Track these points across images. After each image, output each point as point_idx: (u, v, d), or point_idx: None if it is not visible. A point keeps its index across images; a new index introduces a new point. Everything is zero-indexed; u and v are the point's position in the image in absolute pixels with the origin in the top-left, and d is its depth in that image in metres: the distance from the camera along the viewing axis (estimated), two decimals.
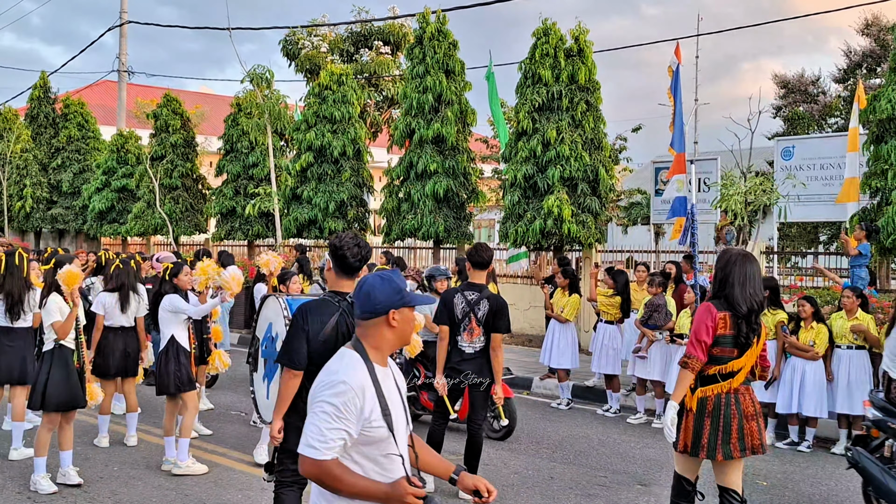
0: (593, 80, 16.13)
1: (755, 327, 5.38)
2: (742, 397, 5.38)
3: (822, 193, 14.65)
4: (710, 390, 5.36)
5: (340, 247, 4.95)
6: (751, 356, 5.40)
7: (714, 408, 5.33)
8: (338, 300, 4.92)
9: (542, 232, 15.37)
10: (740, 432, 5.33)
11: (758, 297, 5.39)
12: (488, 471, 8.06)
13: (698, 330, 5.35)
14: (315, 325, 4.81)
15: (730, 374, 5.36)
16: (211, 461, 8.20)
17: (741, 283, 5.37)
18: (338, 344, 4.87)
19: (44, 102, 29.58)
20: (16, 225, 28.97)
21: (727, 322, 5.32)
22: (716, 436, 5.32)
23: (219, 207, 22.00)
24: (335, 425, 3.10)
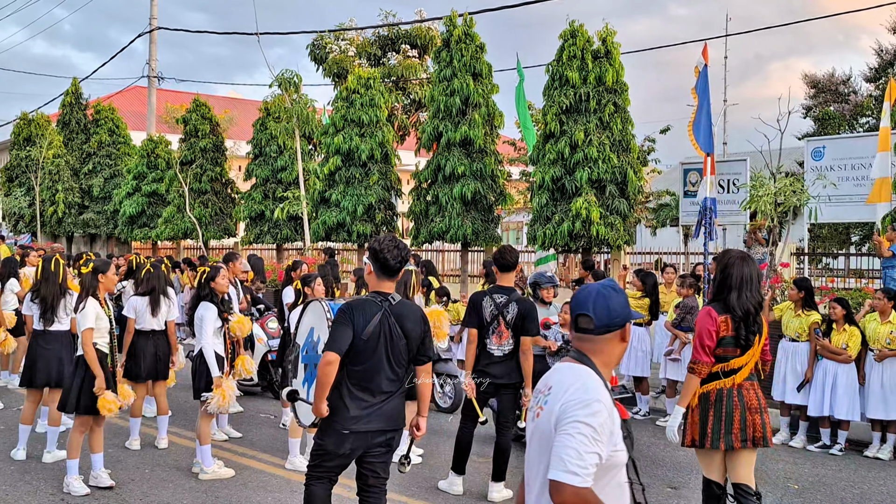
0: (621, 82, 16.06)
1: (754, 328, 5.51)
2: (746, 392, 5.54)
3: (853, 194, 14.48)
4: (712, 386, 5.54)
5: (381, 249, 5.05)
6: (752, 354, 5.55)
7: (716, 399, 5.51)
8: (380, 300, 5.04)
9: (570, 234, 15.32)
10: (742, 423, 5.47)
11: (754, 299, 5.51)
12: (517, 474, 8.04)
13: (701, 335, 5.50)
14: (360, 321, 4.94)
15: (732, 371, 5.52)
16: (240, 464, 8.26)
17: (738, 286, 5.49)
18: (379, 343, 4.95)
19: (75, 108, 29.97)
20: (48, 229, 29.35)
21: (728, 324, 5.48)
22: (719, 426, 5.48)
23: (248, 211, 22.17)
24: (592, 449, 2.80)
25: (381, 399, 5.05)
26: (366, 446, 5.08)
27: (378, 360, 5.00)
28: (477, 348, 7.18)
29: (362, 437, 5.03)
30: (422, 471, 8.16)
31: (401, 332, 5.03)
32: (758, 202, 11.96)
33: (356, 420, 4.99)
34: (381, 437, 5.09)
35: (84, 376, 7.22)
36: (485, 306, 7.18)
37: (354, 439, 5.02)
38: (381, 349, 4.99)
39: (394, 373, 5.07)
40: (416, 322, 5.12)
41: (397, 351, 5.04)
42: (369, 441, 5.06)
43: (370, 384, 5.02)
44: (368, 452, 5.14)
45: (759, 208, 12.06)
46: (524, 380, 7.15)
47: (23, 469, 8.00)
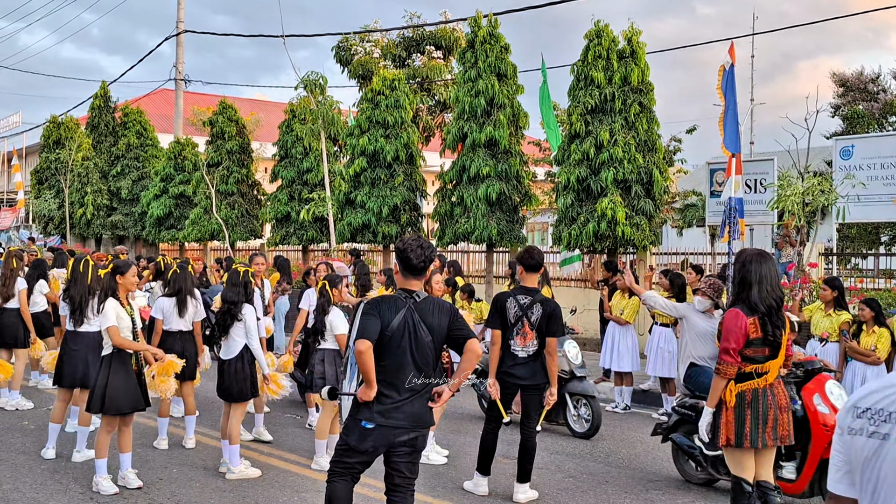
0: (646, 82, 15.99)
1: (779, 323, 5.57)
2: (776, 390, 5.64)
3: (883, 193, 14.36)
4: (746, 385, 5.58)
5: (404, 249, 5.20)
6: (782, 353, 5.63)
7: (753, 399, 5.56)
8: (405, 297, 5.17)
9: (595, 234, 15.28)
10: (774, 422, 5.58)
11: (775, 294, 5.56)
12: (542, 475, 8.04)
13: (727, 337, 5.52)
14: (386, 315, 5.05)
15: (765, 373, 5.60)
16: (267, 464, 8.30)
17: (758, 282, 5.54)
18: (403, 338, 5.04)
19: (104, 111, 30.25)
20: (77, 231, 29.64)
21: (757, 325, 5.51)
22: (756, 424, 5.54)
23: (274, 213, 22.27)
24: None
25: (405, 397, 5.08)
26: (388, 444, 5.10)
27: (403, 355, 5.06)
28: (501, 349, 7.17)
29: (385, 433, 5.05)
30: (447, 471, 8.17)
31: (425, 329, 5.10)
32: (785, 202, 11.89)
33: (380, 415, 5.03)
34: (404, 435, 5.10)
35: (109, 376, 7.27)
36: (509, 307, 7.17)
37: (377, 436, 5.05)
38: (406, 344, 5.06)
39: (419, 370, 5.11)
40: (439, 315, 5.18)
41: (422, 347, 5.10)
42: (392, 439, 5.08)
43: (395, 380, 5.07)
44: (393, 452, 5.16)
45: (786, 208, 11.98)
46: (549, 380, 7.14)
47: (53, 468, 8.09)
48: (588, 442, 9.51)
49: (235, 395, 7.93)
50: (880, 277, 17.03)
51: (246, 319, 7.96)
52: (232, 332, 7.99)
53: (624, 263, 13.20)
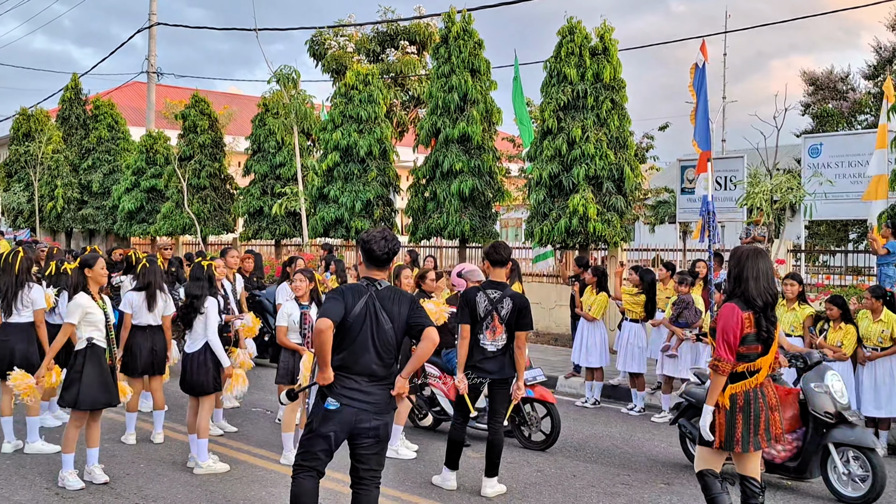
0: (618, 79, 16.08)
1: (773, 320, 5.55)
2: (766, 390, 5.58)
3: (850, 191, 14.52)
4: (739, 387, 5.50)
5: (368, 240, 5.35)
6: (773, 349, 5.56)
7: (745, 403, 5.48)
8: (367, 284, 5.30)
9: (567, 230, 15.35)
10: (766, 423, 5.53)
11: (771, 290, 5.54)
12: (511, 469, 8.08)
13: (725, 331, 5.45)
14: (350, 301, 5.18)
15: (757, 370, 5.52)
16: (235, 458, 8.29)
17: (755, 277, 5.50)
18: (365, 324, 5.14)
19: (75, 104, 29.96)
20: (47, 225, 29.36)
21: (752, 320, 5.46)
22: (748, 429, 5.47)
23: (246, 207, 22.18)
24: None
25: (367, 383, 5.18)
26: (351, 429, 5.16)
27: (364, 341, 5.17)
28: (470, 344, 7.19)
29: (348, 415, 5.12)
30: (415, 466, 8.19)
31: (386, 316, 5.22)
32: (754, 199, 12.00)
33: (343, 396, 5.12)
34: (367, 422, 5.15)
35: (83, 371, 7.23)
36: (479, 302, 7.20)
37: (340, 418, 5.12)
38: (367, 331, 5.18)
39: (380, 358, 5.21)
40: (399, 303, 5.31)
41: (383, 334, 5.21)
42: (355, 423, 5.14)
43: (356, 366, 5.17)
44: (358, 443, 5.21)
45: (754, 205, 12.10)
46: (517, 374, 7.19)
47: (18, 463, 8.02)
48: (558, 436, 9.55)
49: (197, 388, 7.91)
50: (848, 274, 17.22)
51: (208, 313, 7.94)
52: (196, 326, 7.98)
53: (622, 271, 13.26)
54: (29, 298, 8.42)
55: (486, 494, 7.25)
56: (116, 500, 7.01)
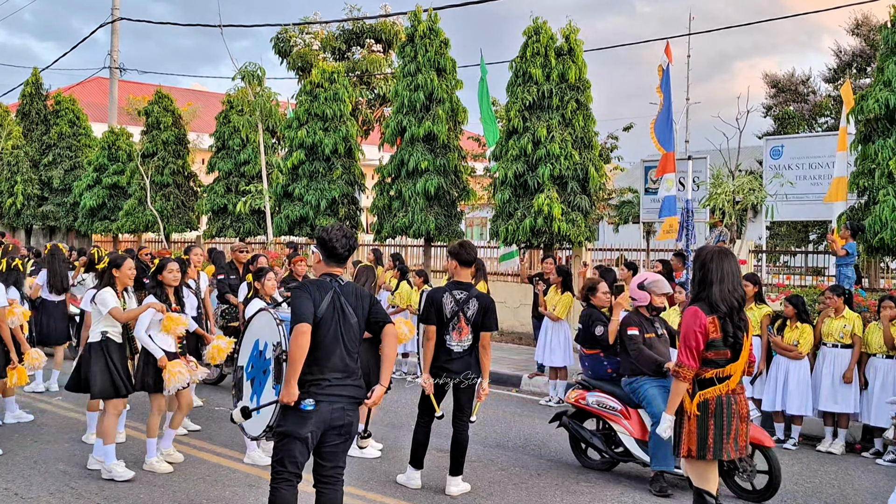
0: (583, 79, 16.18)
1: (740, 324, 5.31)
2: (738, 398, 5.37)
3: (811, 193, 14.75)
4: (708, 393, 5.30)
5: (329, 238, 5.32)
6: (744, 355, 5.34)
7: (717, 408, 5.28)
8: (330, 280, 5.29)
9: (532, 230, 15.42)
10: (736, 433, 5.32)
11: (737, 293, 5.31)
12: (475, 467, 8.10)
13: (687, 336, 5.25)
14: (317, 297, 5.14)
15: (727, 377, 5.31)
16: (198, 458, 8.24)
17: (719, 280, 5.28)
18: (333, 319, 5.12)
19: (35, 99, 29.54)
20: (6, 221, 28.94)
21: (716, 325, 5.24)
22: (720, 435, 5.27)
23: (210, 205, 22.03)
24: None
25: (339, 378, 5.17)
26: (325, 427, 5.12)
27: (334, 337, 5.16)
28: (435, 345, 7.20)
29: (323, 414, 5.09)
30: (380, 465, 8.19)
31: (351, 311, 5.25)
32: (716, 199, 12.13)
33: (316, 398, 5.07)
34: (340, 419, 5.14)
35: (105, 361, 7.45)
36: (445, 303, 7.18)
37: (316, 418, 5.07)
38: (336, 326, 5.17)
39: (349, 352, 5.23)
40: (360, 298, 5.36)
41: (349, 328, 5.23)
42: (329, 421, 5.11)
43: (328, 362, 5.14)
44: (327, 441, 5.18)
45: (717, 206, 12.23)
46: (482, 374, 7.21)
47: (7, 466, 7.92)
48: (521, 436, 9.60)
49: (137, 386, 7.86)
50: (808, 274, 17.46)
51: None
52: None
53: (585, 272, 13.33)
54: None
55: (451, 493, 7.27)
56: (77, 500, 6.93)
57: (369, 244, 20.80)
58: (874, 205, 12.59)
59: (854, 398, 9.21)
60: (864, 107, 12.74)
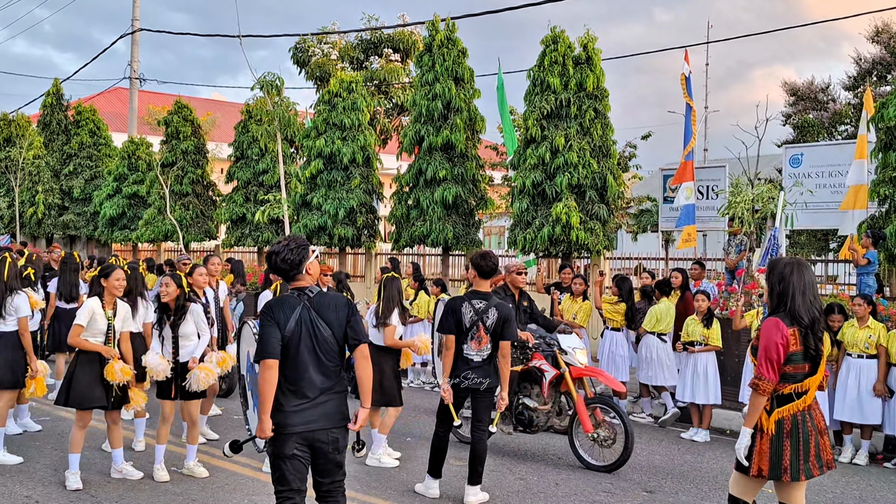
0: (601, 88, 16.15)
1: (821, 336, 5.16)
2: (815, 413, 5.20)
3: (831, 201, 14.63)
4: (786, 410, 5.11)
5: (276, 252, 5.19)
6: (822, 369, 5.19)
7: (792, 427, 5.09)
8: (298, 294, 5.15)
9: (550, 239, 15.39)
10: (817, 449, 5.12)
11: (818, 304, 5.18)
12: (493, 477, 8.09)
13: (768, 348, 5.06)
14: (281, 318, 5.01)
15: (805, 391, 5.14)
16: (219, 466, 8.26)
17: (801, 292, 5.13)
18: (304, 335, 4.99)
19: (56, 109, 29.80)
20: (28, 231, 29.17)
21: (797, 338, 5.08)
22: (797, 456, 5.07)
23: (229, 214, 22.12)
24: None
25: (317, 395, 5.04)
26: (311, 443, 5.03)
27: (305, 354, 5.03)
28: (454, 354, 7.19)
29: (305, 436, 5.00)
30: (398, 474, 8.19)
31: (324, 324, 5.08)
32: (735, 208, 12.07)
33: (294, 418, 4.97)
34: (323, 435, 5.03)
35: (75, 370, 7.44)
36: (464, 312, 7.18)
37: (298, 439, 4.99)
38: (307, 342, 5.03)
39: (324, 368, 5.07)
40: (336, 308, 5.17)
41: (324, 343, 5.07)
42: (313, 440, 5.02)
43: (301, 381, 5.01)
44: (318, 458, 5.10)
45: (735, 214, 12.17)
46: (501, 384, 7.19)
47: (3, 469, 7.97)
48: (539, 445, 9.58)
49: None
50: (828, 284, 17.34)
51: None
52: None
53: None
54: (13, 306, 8.35)
55: (469, 502, 7.25)
56: None
57: (387, 253, 20.83)
58: (895, 213, 12.51)
59: (878, 409, 9.14)
60: (885, 115, 12.66)
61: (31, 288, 9.48)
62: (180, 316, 7.91)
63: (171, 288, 7.89)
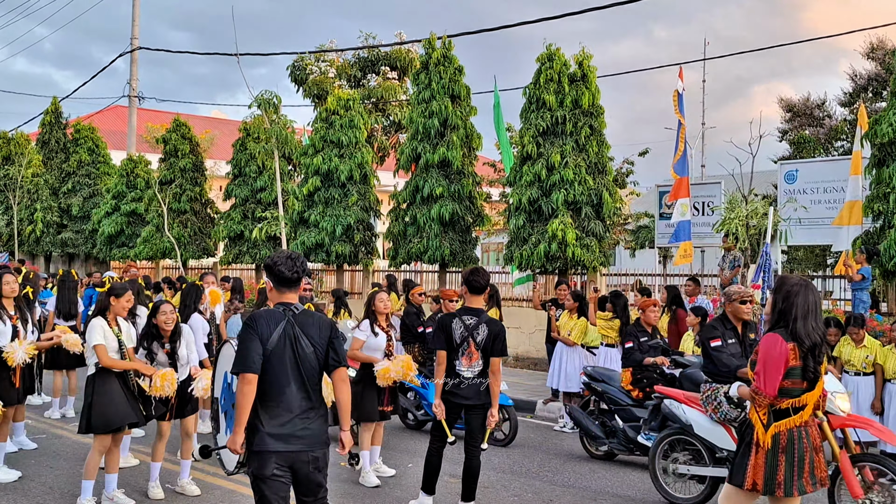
0: (597, 105, 16.24)
1: (820, 359, 5.15)
2: (811, 429, 5.20)
3: (826, 217, 14.69)
4: (783, 425, 5.12)
5: (275, 263, 5.11)
6: (820, 385, 5.19)
7: (788, 443, 5.10)
8: (283, 310, 5.07)
9: (546, 255, 15.44)
10: (811, 465, 5.14)
11: (820, 329, 5.15)
12: (488, 493, 8.09)
13: (767, 363, 5.07)
14: (265, 331, 4.94)
15: (801, 407, 5.14)
16: (213, 483, 8.26)
17: (804, 315, 5.11)
18: (286, 351, 4.92)
19: (55, 127, 29.92)
20: (26, 249, 29.22)
21: (796, 353, 5.07)
22: (791, 471, 5.08)
23: (227, 231, 22.19)
24: None
25: (297, 415, 4.95)
26: (290, 467, 4.95)
27: (286, 370, 4.95)
28: (446, 370, 7.21)
29: (284, 457, 4.90)
30: (392, 491, 8.19)
31: (307, 341, 5.01)
32: (729, 224, 12.12)
33: (274, 438, 4.89)
34: (304, 455, 4.95)
35: (92, 396, 7.23)
36: (454, 328, 7.20)
37: (277, 458, 4.89)
38: (288, 358, 4.96)
39: (305, 388, 4.99)
40: (320, 328, 5.09)
41: (306, 361, 5.00)
42: (293, 461, 4.93)
43: (281, 397, 4.93)
44: (298, 479, 5.02)
45: (729, 230, 12.21)
46: (491, 400, 7.19)
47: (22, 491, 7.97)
48: (534, 461, 9.58)
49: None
50: (825, 299, 17.37)
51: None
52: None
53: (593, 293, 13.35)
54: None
55: None
56: None
57: (385, 270, 20.87)
58: (889, 229, 12.56)
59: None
60: (878, 131, 12.74)
61: (30, 307, 9.47)
62: (176, 340, 7.84)
63: (172, 316, 7.81)
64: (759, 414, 5.16)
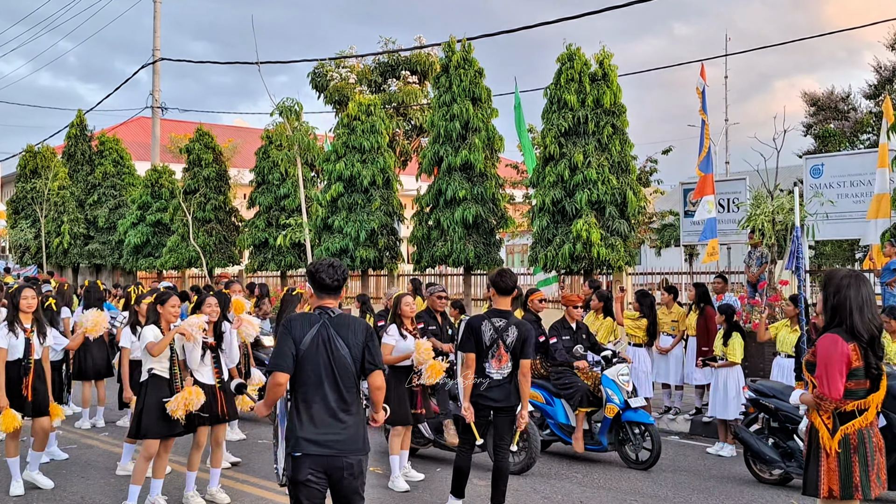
0: (619, 104, 16.16)
1: (881, 353, 4.98)
2: (874, 430, 5.01)
3: (853, 211, 14.54)
4: (850, 427, 4.92)
5: (317, 270, 5.25)
6: (884, 385, 4.99)
7: (859, 443, 4.91)
8: (319, 313, 5.18)
9: (571, 256, 15.37)
10: (878, 467, 4.96)
11: (876, 320, 4.96)
12: (518, 496, 8.06)
13: (829, 365, 4.85)
14: (298, 332, 5.05)
15: (866, 409, 4.96)
16: (243, 491, 8.28)
17: (859, 308, 4.91)
18: (319, 353, 5.01)
19: (80, 140, 30.21)
20: (54, 261, 29.51)
21: (858, 353, 4.88)
22: (865, 473, 4.89)
23: (251, 239, 22.29)
24: None
25: (331, 417, 4.99)
26: (327, 469, 4.95)
27: (321, 371, 5.00)
28: (475, 372, 7.18)
29: (319, 461, 4.93)
30: (422, 495, 8.17)
31: (341, 342, 5.05)
32: (755, 220, 12.02)
33: (308, 442, 4.92)
34: (338, 461, 4.96)
35: (144, 401, 7.34)
36: (484, 330, 7.17)
37: (311, 462, 4.92)
38: (322, 359, 5.01)
39: (339, 389, 5.03)
40: (355, 331, 5.14)
41: (341, 363, 5.03)
42: (328, 466, 4.95)
43: (316, 397, 4.98)
44: (335, 484, 5.01)
45: (755, 226, 12.11)
46: (522, 402, 7.16)
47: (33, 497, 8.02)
48: (563, 463, 9.54)
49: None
50: None
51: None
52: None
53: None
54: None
55: None
56: None
57: (409, 274, 20.88)
58: None
59: None
60: None
61: (53, 318, 9.53)
62: (219, 337, 7.93)
63: (217, 309, 7.96)
64: (823, 418, 4.97)
